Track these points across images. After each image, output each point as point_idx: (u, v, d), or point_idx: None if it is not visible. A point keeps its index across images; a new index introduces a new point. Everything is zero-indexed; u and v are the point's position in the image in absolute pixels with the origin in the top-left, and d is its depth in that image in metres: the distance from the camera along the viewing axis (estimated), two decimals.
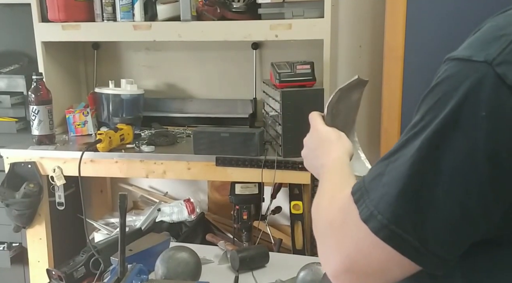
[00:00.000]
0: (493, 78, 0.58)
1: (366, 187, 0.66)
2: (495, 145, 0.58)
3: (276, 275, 1.58)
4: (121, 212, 1.21)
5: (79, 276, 1.71)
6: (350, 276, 0.67)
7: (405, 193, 0.61)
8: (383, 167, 0.65)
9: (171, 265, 1.50)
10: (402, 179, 0.61)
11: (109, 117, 2.54)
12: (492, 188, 0.59)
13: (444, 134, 0.60)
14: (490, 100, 0.58)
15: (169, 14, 2.38)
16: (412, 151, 0.61)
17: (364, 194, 0.65)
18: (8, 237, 2.55)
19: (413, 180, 0.61)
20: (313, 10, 2.20)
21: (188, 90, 2.75)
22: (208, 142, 2.16)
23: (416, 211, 0.60)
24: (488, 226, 0.61)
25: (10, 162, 2.33)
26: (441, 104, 0.60)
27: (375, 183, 0.65)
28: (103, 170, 2.30)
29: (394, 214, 0.61)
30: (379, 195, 0.63)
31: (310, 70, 2.05)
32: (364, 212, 0.64)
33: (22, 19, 2.55)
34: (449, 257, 0.62)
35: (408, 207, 0.61)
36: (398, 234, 0.61)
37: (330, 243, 0.69)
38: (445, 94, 0.61)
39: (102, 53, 2.79)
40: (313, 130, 1.00)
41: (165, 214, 2.57)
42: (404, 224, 0.61)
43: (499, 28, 0.62)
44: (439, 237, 0.60)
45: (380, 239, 0.62)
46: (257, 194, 2.25)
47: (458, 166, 0.59)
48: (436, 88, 0.63)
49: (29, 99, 2.32)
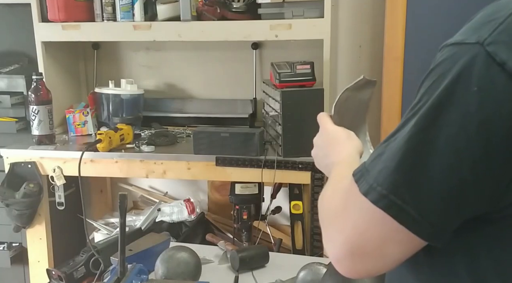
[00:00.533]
0: (484, 56, 0.62)
1: (366, 167, 0.69)
2: (486, 118, 0.61)
3: (276, 275, 1.58)
4: (121, 212, 1.21)
5: (79, 276, 1.71)
6: (352, 260, 0.69)
7: (402, 164, 0.64)
8: (383, 148, 0.68)
9: (171, 265, 1.50)
10: (399, 152, 0.65)
11: (109, 117, 2.55)
12: (484, 159, 0.62)
13: (438, 109, 0.63)
14: (481, 77, 0.61)
15: (169, 14, 2.38)
16: (408, 127, 0.65)
17: (365, 173, 0.69)
18: (8, 237, 2.55)
19: (409, 152, 0.64)
20: (313, 10, 2.20)
21: (188, 90, 2.75)
22: (208, 142, 2.16)
23: (413, 181, 0.64)
24: (482, 199, 0.64)
25: (10, 162, 2.33)
26: (437, 84, 0.64)
27: (375, 162, 0.68)
28: (103, 170, 2.30)
29: (393, 184, 0.65)
30: (378, 170, 0.67)
31: (310, 70, 2.05)
32: (363, 186, 0.68)
33: (22, 19, 2.55)
34: (444, 227, 0.65)
35: (406, 177, 0.64)
36: (397, 204, 0.64)
37: (333, 227, 0.72)
38: (440, 76, 0.64)
39: (102, 53, 2.79)
40: (322, 130, 1.01)
41: (165, 214, 2.57)
42: (402, 194, 0.64)
43: (489, 14, 0.66)
44: (435, 206, 0.63)
45: (380, 208, 0.65)
46: (257, 194, 2.25)
47: (452, 138, 0.62)
48: (432, 72, 0.66)
49: (29, 99, 2.32)
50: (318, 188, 2.09)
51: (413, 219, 0.64)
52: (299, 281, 1.46)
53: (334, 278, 1.27)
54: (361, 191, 0.67)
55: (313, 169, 2.07)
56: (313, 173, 2.07)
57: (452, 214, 0.64)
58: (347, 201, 0.70)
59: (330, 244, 0.72)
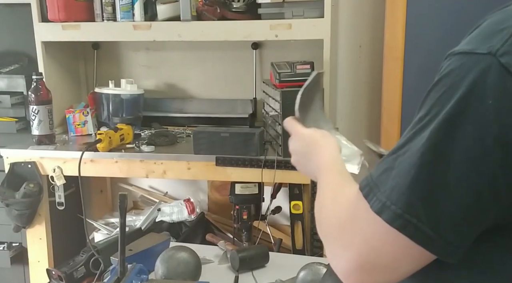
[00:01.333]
0: (498, 68, 0.60)
1: (374, 181, 0.67)
2: (503, 130, 0.59)
3: (276, 275, 1.58)
4: (121, 212, 1.21)
5: (79, 276, 1.70)
6: (361, 274, 0.67)
7: (417, 182, 0.62)
8: (391, 162, 0.66)
9: (171, 265, 1.50)
10: (413, 169, 0.62)
11: (109, 117, 2.54)
12: (502, 172, 0.60)
13: (452, 123, 0.61)
14: (496, 89, 0.60)
15: (169, 14, 2.37)
16: (421, 142, 0.63)
17: (374, 188, 0.66)
18: (8, 237, 2.55)
19: (424, 168, 0.62)
20: (313, 10, 2.20)
21: (188, 90, 2.75)
22: (208, 142, 2.16)
23: (429, 198, 0.62)
24: (498, 211, 0.62)
25: (10, 162, 2.33)
26: (448, 96, 0.62)
27: (384, 176, 0.66)
28: (103, 170, 2.30)
29: (408, 203, 0.62)
30: (390, 187, 0.64)
31: (310, 70, 2.05)
32: (375, 204, 0.65)
33: (22, 19, 2.55)
34: (461, 244, 0.63)
35: (421, 195, 0.62)
36: (413, 223, 0.62)
37: (339, 242, 0.70)
38: (451, 87, 0.62)
39: (102, 53, 2.79)
40: (296, 136, 0.99)
41: (165, 214, 2.57)
42: (418, 212, 0.62)
43: (499, 22, 0.64)
44: (452, 223, 0.62)
45: (395, 228, 0.63)
46: (257, 194, 2.25)
47: (469, 153, 0.60)
48: (440, 82, 0.64)
49: (29, 99, 2.32)
50: None
51: (430, 238, 0.62)
52: (299, 281, 1.46)
53: (334, 278, 1.27)
54: (374, 209, 0.65)
55: None
56: None
57: (470, 230, 0.63)
58: (355, 216, 0.69)
59: (336, 260, 0.70)
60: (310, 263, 1.49)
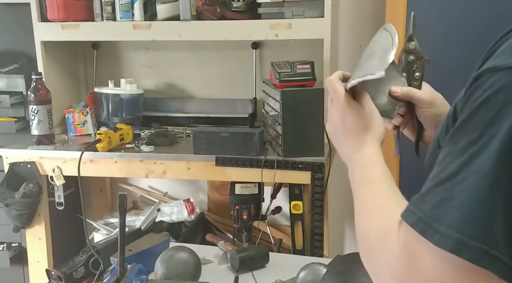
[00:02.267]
0: None
1: (429, 215, 0.61)
2: None
3: (276, 275, 1.57)
4: (120, 212, 1.21)
5: (78, 276, 1.70)
6: None
7: (496, 213, 0.57)
8: (447, 191, 0.60)
9: (171, 265, 1.49)
10: (486, 198, 0.58)
11: (108, 117, 2.54)
12: None
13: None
14: None
15: (168, 13, 2.37)
16: (485, 167, 0.58)
17: (432, 223, 0.60)
18: (7, 237, 2.55)
19: (499, 195, 0.57)
20: (313, 10, 2.20)
21: (188, 90, 2.75)
22: (208, 142, 2.15)
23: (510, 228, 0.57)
24: None
25: (10, 162, 2.32)
26: (503, 115, 0.58)
27: (443, 208, 0.60)
28: (102, 170, 2.29)
29: (491, 236, 0.57)
30: (457, 219, 0.58)
31: (310, 70, 2.05)
32: (445, 242, 0.59)
33: (21, 19, 2.55)
34: None
35: (503, 227, 0.57)
36: (501, 259, 0.57)
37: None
38: (506, 104, 0.59)
39: (101, 53, 2.79)
40: (341, 106, 0.91)
41: (164, 214, 2.57)
42: (501, 247, 0.57)
43: None
44: None
45: (481, 266, 0.57)
46: (257, 194, 2.25)
47: None
48: (491, 99, 0.60)
49: (29, 99, 2.32)
50: (318, 188, 2.09)
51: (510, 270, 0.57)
52: (299, 281, 1.45)
53: (334, 278, 1.27)
54: (446, 248, 0.58)
55: (313, 169, 2.07)
56: (313, 173, 2.07)
57: None
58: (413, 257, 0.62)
59: None
60: (310, 263, 1.48)
